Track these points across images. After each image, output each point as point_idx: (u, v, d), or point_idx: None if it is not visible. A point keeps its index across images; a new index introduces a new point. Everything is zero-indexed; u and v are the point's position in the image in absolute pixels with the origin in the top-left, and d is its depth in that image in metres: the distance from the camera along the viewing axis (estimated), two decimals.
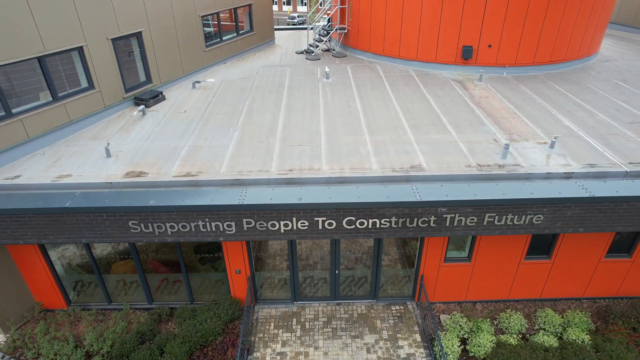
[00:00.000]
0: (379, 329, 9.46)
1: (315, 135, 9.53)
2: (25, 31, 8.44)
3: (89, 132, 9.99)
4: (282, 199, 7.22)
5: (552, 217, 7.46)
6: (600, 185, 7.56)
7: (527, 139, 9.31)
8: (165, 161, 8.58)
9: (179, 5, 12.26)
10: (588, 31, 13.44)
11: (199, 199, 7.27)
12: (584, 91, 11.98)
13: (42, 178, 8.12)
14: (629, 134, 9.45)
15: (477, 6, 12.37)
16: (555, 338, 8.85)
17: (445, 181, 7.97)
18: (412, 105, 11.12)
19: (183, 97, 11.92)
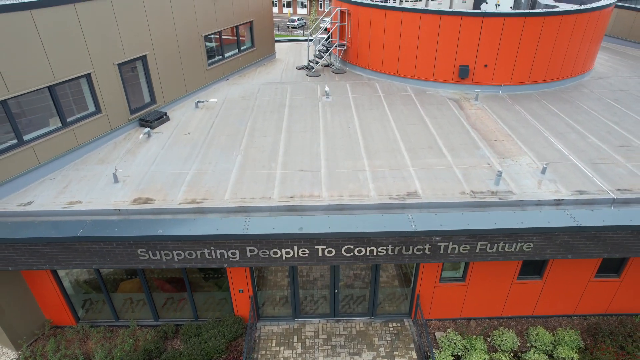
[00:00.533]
0: (376, 347, 9.82)
1: (315, 159, 9.87)
2: (37, 62, 8.77)
3: (97, 155, 10.33)
4: (284, 228, 7.57)
5: (541, 245, 7.81)
6: (587, 214, 7.90)
7: (520, 163, 9.65)
8: (171, 187, 8.92)
9: (182, 27, 12.58)
10: (581, 51, 13.77)
11: (205, 228, 7.61)
12: (577, 111, 12.32)
13: (53, 205, 8.46)
14: (618, 159, 9.79)
15: (473, 29, 12.70)
16: (545, 356, 9.22)
17: (440, 208, 8.33)
18: (410, 126, 11.46)
19: (186, 117, 12.25)
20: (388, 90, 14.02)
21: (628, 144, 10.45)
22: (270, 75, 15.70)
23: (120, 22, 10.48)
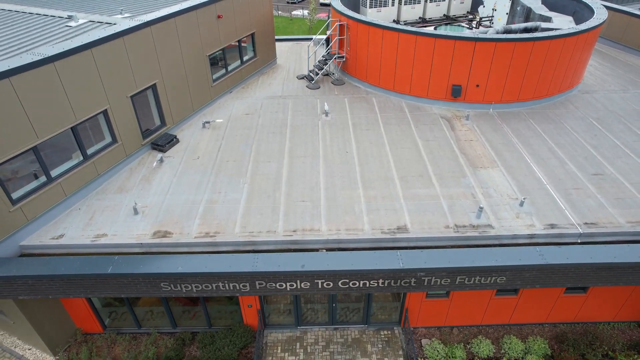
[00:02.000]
0: (369, 353, 11.18)
1: (315, 189, 10.85)
2: (61, 107, 9.58)
3: (115, 183, 11.28)
4: (289, 266, 8.66)
5: (513, 278, 8.94)
6: (555, 250, 8.98)
7: (502, 194, 10.64)
8: (186, 219, 9.95)
9: (188, 51, 13.19)
10: (569, 71, 14.43)
11: (219, 265, 8.71)
12: (560, 133, 13.15)
13: (82, 238, 9.53)
14: (590, 189, 10.77)
15: (466, 52, 13.32)
16: None
17: (427, 241, 9.41)
18: (403, 151, 12.35)
19: (195, 139, 13.10)
20: (384, 106, 14.77)
21: (602, 172, 11.40)
22: (272, 87, 16.35)
23: (131, 58, 11.16)
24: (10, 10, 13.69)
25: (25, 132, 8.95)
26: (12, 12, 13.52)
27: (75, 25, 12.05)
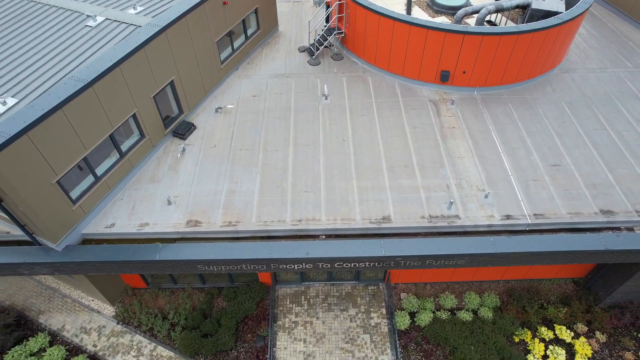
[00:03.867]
0: (358, 304, 14.23)
1: (316, 180, 12.92)
2: (100, 120, 11.27)
3: (147, 173, 13.30)
4: (296, 253, 11.15)
5: (470, 261, 11.50)
6: (505, 240, 11.42)
7: (471, 185, 12.76)
8: (211, 209, 12.20)
9: (198, 42, 14.24)
10: (550, 56, 15.56)
11: (242, 252, 11.19)
12: (533, 119, 14.81)
13: (129, 227, 11.87)
14: (546, 180, 12.87)
15: (455, 43, 14.40)
16: (471, 314, 13.65)
17: (405, 230, 11.79)
18: (392, 139, 14.15)
19: (210, 125, 14.77)
20: (379, 87, 16.13)
21: (559, 163, 13.39)
22: (275, 62, 17.42)
23: (152, 63, 12.45)
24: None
25: (77, 148, 10.81)
26: (27, 2, 14.28)
27: (95, 25, 13.08)
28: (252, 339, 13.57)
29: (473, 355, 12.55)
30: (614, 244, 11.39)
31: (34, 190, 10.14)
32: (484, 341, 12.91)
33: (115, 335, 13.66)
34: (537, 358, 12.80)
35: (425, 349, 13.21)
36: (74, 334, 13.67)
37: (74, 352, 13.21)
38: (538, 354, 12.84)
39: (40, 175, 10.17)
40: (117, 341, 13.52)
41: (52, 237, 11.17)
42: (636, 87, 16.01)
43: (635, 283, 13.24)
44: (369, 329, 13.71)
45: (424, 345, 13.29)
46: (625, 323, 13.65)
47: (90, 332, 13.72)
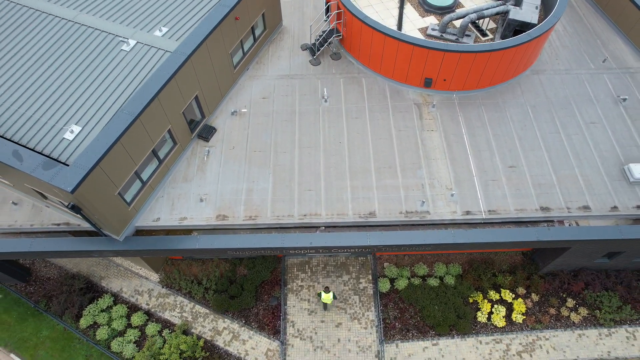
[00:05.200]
0: (350, 272, 18.05)
1: (317, 180, 16.03)
2: (145, 140, 14.13)
3: (180, 173, 16.34)
4: (302, 242, 14.62)
5: (435, 248, 15.02)
6: (463, 232, 14.84)
7: (442, 184, 15.91)
8: (235, 205, 15.46)
9: (216, 57, 16.52)
10: (521, 64, 17.86)
11: (261, 242, 14.66)
12: (500, 123, 17.52)
13: (172, 220, 15.21)
14: (503, 180, 16.00)
15: (437, 58, 16.69)
16: (438, 280, 17.51)
17: (386, 224, 15.16)
18: (380, 141, 17.00)
19: (228, 127, 17.49)
20: (371, 89, 18.57)
21: (515, 165, 16.41)
22: (280, 62, 19.59)
23: (181, 87, 14.97)
24: (60, 17, 16.38)
25: (129, 165, 13.82)
26: (62, 21, 16.30)
27: (129, 50, 15.37)
28: (268, 299, 17.59)
29: (436, 313, 16.59)
30: (544, 236, 14.86)
31: (103, 201, 13.34)
32: (446, 302, 16.89)
33: (162, 296, 17.63)
34: (484, 314, 16.88)
35: (400, 307, 17.27)
36: (130, 295, 17.64)
37: (133, 309, 17.27)
38: (485, 311, 16.90)
39: (106, 191, 13.31)
40: (164, 301, 17.52)
41: (115, 232, 14.58)
42: (592, 90, 18.51)
43: (563, 259, 16.92)
44: (358, 292, 17.66)
45: (400, 304, 17.32)
46: (555, 287, 17.59)
47: (142, 293, 17.68)
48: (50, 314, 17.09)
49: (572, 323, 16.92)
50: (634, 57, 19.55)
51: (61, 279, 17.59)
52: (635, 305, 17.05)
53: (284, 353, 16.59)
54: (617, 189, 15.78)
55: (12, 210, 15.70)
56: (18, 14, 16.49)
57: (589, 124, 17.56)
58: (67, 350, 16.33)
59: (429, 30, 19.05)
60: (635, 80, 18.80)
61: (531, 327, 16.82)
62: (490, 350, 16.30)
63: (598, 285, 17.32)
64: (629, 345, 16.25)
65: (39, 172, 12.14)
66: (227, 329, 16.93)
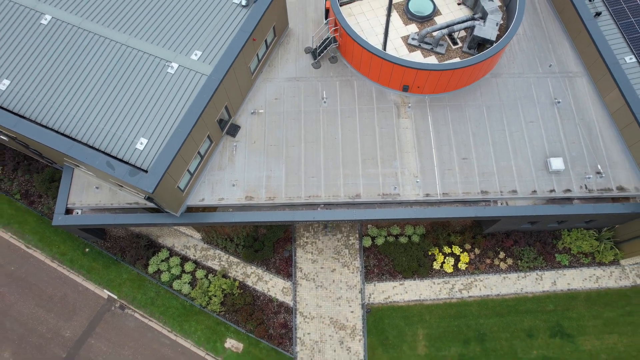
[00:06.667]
0: (342, 231, 24.23)
1: (318, 168, 21.51)
2: (194, 146, 19.39)
3: (215, 163, 21.75)
4: (307, 217, 20.58)
5: (402, 220, 20.98)
6: (422, 210, 20.72)
7: (411, 172, 21.42)
8: (258, 189, 21.14)
9: (239, 72, 21.07)
10: (482, 72, 22.41)
11: (278, 216, 20.62)
12: (460, 121, 22.53)
13: (213, 200, 21.00)
14: (456, 170, 21.49)
15: (412, 73, 21.27)
16: (407, 238, 23.77)
17: (368, 203, 20.97)
18: (366, 137, 22.18)
19: (249, 125, 22.52)
20: (361, 91, 23.27)
21: (467, 157, 21.78)
22: (288, 65, 23.97)
23: (216, 103, 19.83)
24: (115, 41, 20.67)
25: (184, 165, 19.27)
26: (117, 44, 20.60)
27: (173, 72, 20.00)
28: (282, 252, 23.99)
29: (404, 262, 23.06)
30: (481, 213, 20.79)
31: (168, 192, 19.02)
32: (411, 254, 23.28)
33: (204, 250, 24.00)
34: (438, 263, 23.38)
35: (378, 258, 23.74)
36: (181, 249, 24.00)
37: (184, 260, 23.72)
38: (439, 262, 23.37)
39: (170, 186, 18.92)
40: (206, 253, 23.93)
41: (174, 210, 20.45)
42: (536, 92, 23.25)
43: (499, 225, 22.97)
44: (348, 246, 24.00)
45: (378, 256, 23.77)
46: (492, 244, 23.91)
47: (190, 248, 24.02)
48: (126, 263, 23.58)
49: (500, 269, 23.49)
50: (575, 62, 23.96)
51: (129, 237, 23.82)
52: (547, 256, 23.49)
53: (294, 290, 23.36)
54: (539, 177, 21.38)
55: (95, 192, 21.43)
56: (81, 37, 20.78)
57: (528, 122, 22.63)
58: (142, 288, 23.07)
59: (410, 40, 23.30)
60: (572, 84, 23.47)
61: (471, 272, 23.40)
62: (440, 288, 23.03)
63: (523, 243, 23.65)
64: (537, 284, 22.95)
65: (128, 177, 17.68)
66: (254, 273, 23.55)
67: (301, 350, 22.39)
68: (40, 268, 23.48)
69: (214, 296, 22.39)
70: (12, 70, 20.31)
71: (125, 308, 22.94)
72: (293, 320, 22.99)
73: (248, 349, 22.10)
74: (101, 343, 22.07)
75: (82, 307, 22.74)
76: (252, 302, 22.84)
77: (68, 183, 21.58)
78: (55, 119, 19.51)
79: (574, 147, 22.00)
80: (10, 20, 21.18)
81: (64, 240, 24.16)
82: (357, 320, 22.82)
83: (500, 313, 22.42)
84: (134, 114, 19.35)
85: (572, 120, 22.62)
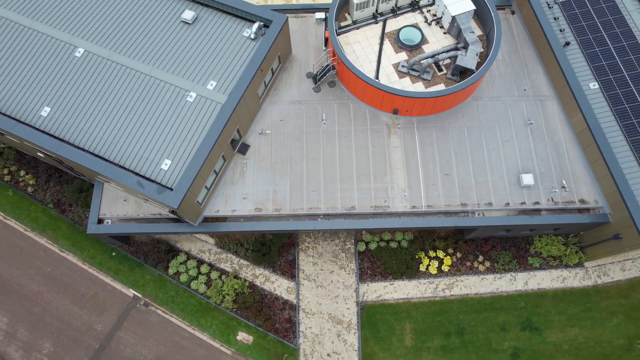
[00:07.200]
0: (340, 237, 27.30)
1: (319, 184, 24.52)
2: (211, 166, 22.41)
3: (228, 178, 24.77)
4: (309, 227, 23.65)
5: (391, 228, 24.05)
6: (409, 220, 23.78)
7: (400, 187, 24.43)
8: (266, 202, 24.18)
9: (249, 99, 24.02)
10: (463, 98, 25.35)
11: (284, 226, 23.69)
12: (443, 141, 25.48)
13: (226, 211, 24.06)
14: (439, 185, 24.50)
15: (400, 99, 24.21)
16: (397, 243, 26.85)
17: (361, 214, 24.03)
18: (361, 155, 25.17)
19: (257, 144, 25.50)
20: (357, 114, 26.21)
21: (449, 173, 24.78)
22: (291, 89, 26.89)
23: (229, 127, 22.79)
24: (140, 71, 23.61)
25: (203, 182, 22.29)
26: (142, 75, 23.55)
27: (192, 101, 22.98)
28: (286, 255, 27.08)
29: (394, 265, 26.14)
30: (460, 223, 23.84)
31: (189, 206, 22.06)
32: (400, 258, 26.36)
33: (217, 254, 27.08)
34: (424, 266, 26.47)
35: (371, 261, 26.82)
36: (197, 253, 27.09)
37: (200, 263, 26.82)
38: (425, 264, 26.46)
39: (191, 200, 21.97)
40: (219, 257, 27.02)
41: (193, 220, 23.52)
42: (512, 114, 26.20)
43: (478, 232, 26.02)
44: (345, 250, 27.08)
45: (371, 259, 26.85)
46: (472, 248, 26.97)
47: (205, 252, 27.11)
48: (149, 265, 26.71)
49: (479, 271, 26.59)
50: (547, 86, 26.88)
51: (151, 242, 26.90)
52: (520, 259, 26.58)
53: (297, 289, 26.48)
54: (512, 191, 24.40)
55: (123, 204, 24.50)
56: (111, 68, 23.74)
57: (504, 142, 25.61)
58: (163, 288, 26.21)
59: (400, 67, 26.21)
60: (544, 106, 26.42)
61: (453, 274, 26.51)
62: (425, 288, 26.15)
63: (499, 247, 26.73)
64: (511, 284, 26.06)
65: (156, 195, 20.73)
66: (262, 274, 26.67)
67: (303, 342, 25.56)
68: (73, 269, 26.62)
69: (227, 295, 25.50)
70: (51, 98, 23.33)
71: (148, 305, 26.09)
72: (296, 316, 26.14)
73: (257, 341, 25.27)
74: (128, 336, 25.23)
75: (111, 304, 25.89)
76: (260, 300, 25.99)
77: (99, 196, 24.64)
78: (90, 141, 22.54)
79: (543, 164, 25.01)
80: (48, 53, 24.16)
81: (93, 244, 27.26)
82: (353, 316, 25.97)
83: (478, 310, 25.55)
84: (158, 137, 22.36)
85: (543, 139, 25.60)
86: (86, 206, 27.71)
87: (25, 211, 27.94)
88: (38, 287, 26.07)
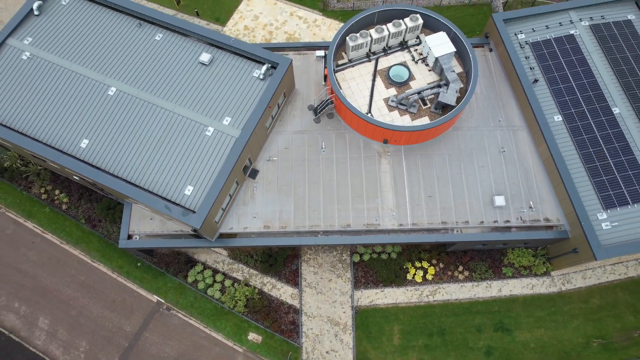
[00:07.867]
0: (337, 250, 31.10)
1: (318, 204, 28.32)
2: (227, 191, 26.22)
3: (240, 199, 28.58)
4: (310, 242, 27.48)
5: (382, 245, 27.87)
6: (397, 236, 27.59)
7: (389, 207, 28.23)
8: (274, 220, 27.98)
9: (259, 133, 27.80)
10: (444, 130, 29.15)
11: (289, 241, 27.52)
12: (427, 167, 29.24)
13: (239, 228, 27.89)
14: (423, 205, 28.29)
15: (390, 132, 28.01)
16: (387, 255, 30.65)
17: (356, 231, 27.83)
18: (355, 180, 28.96)
19: (265, 169, 29.29)
20: (352, 142, 30.00)
21: (432, 195, 28.57)
22: (294, 120, 30.69)
23: (242, 157, 26.58)
24: (164, 108, 27.42)
25: (220, 204, 26.11)
26: (167, 111, 27.37)
27: (210, 135, 26.78)
28: (291, 266, 30.89)
29: (384, 274, 29.93)
30: (441, 238, 27.65)
31: (208, 225, 25.88)
32: (389, 268, 30.15)
33: (230, 264, 30.87)
34: (411, 275, 30.25)
35: (365, 270, 30.63)
36: (212, 264, 30.88)
37: (215, 272, 30.61)
38: (412, 274, 30.25)
39: (210, 220, 25.78)
40: (231, 267, 30.81)
41: (210, 237, 27.34)
42: (488, 143, 29.98)
43: (457, 246, 29.84)
44: (341, 261, 30.86)
45: (365, 269, 30.66)
46: (453, 259, 30.75)
47: (219, 262, 30.89)
48: (170, 274, 30.52)
49: (459, 280, 30.37)
50: (519, 117, 30.66)
51: (172, 254, 30.72)
52: (495, 269, 30.37)
53: (300, 295, 30.29)
54: (486, 211, 28.19)
55: (149, 222, 28.31)
56: (140, 105, 27.57)
57: (480, 167, 29.41)
58: (183, 294, 30.03)
59: (389, 102, 30.03)
60: (516, 136, 30.20)
61: (436, 282, 30.29)
62: (412, 294, 29.94)
63: (477, 259, 30.54)
64: (486, 291, 29.85)
65: (181, 217, 24.55)
66: (269, 282, 30.47)
67: (306, 341, 29.36)
68: (103, 278, 30.44)
69: (239, 300, 29.31)
70: (89, 132, 27.17)
71: (170, 309, 29.91)
72: (299, 319, 29.95)
73: (265, 340, 29.09)
74: (154, 336, 29.04)
75: (137, 308, 29.69)
76: (268, 304, 29.82)
77: (128, 215, 28.45)
78: (123, 169, 26.36)
79: (514, 187, 28.80)
80: (85, 92, 28.01)
81: (121, 256, 31.10)
82: (348, 319, 29.79)
83: (457, 313, 29.35)
84: (182, 166, 26.18)
85: (514, 165, 29.39)
86: (114, 222, 31.53)
87: (60, 226, 31.77)
88: (74, 293, 29.88)
